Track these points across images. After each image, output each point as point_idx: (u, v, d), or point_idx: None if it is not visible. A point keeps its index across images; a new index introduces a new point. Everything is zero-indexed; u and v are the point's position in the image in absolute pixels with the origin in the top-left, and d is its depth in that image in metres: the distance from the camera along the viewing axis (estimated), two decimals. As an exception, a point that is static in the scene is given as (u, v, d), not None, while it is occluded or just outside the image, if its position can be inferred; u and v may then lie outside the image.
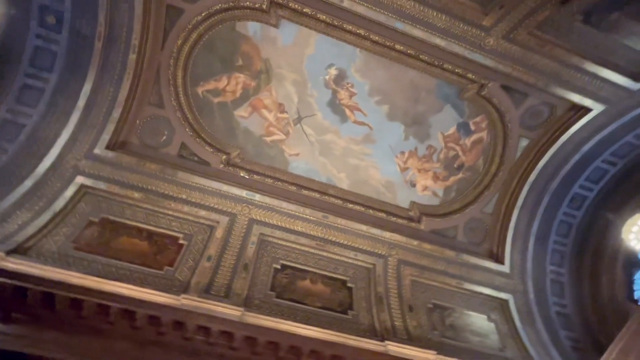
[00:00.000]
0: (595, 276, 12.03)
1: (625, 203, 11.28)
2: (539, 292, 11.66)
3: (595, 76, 9.14)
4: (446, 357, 8.55)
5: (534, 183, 11.50)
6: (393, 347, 8.00)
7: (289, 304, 8.39)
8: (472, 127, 11.22)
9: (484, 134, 11.36)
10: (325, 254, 9.74)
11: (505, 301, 11.18)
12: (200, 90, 9.57)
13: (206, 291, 7.87)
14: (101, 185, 8.37)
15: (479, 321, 10.60)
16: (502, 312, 11.06)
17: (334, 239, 9.94)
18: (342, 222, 10.07)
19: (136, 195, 8.64)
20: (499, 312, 11.02)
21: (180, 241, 8.70)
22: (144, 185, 8.75)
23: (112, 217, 8.27)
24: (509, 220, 11.76)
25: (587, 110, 10.03)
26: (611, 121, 10.24)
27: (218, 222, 9.18)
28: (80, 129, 8.23)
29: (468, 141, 11.33)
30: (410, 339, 8.98)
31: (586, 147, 10.88)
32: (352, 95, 10.36)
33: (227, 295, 8.00)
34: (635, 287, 11.34)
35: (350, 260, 9.94)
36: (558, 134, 10.83)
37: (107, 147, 8.55)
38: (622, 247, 11.00)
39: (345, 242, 10.05)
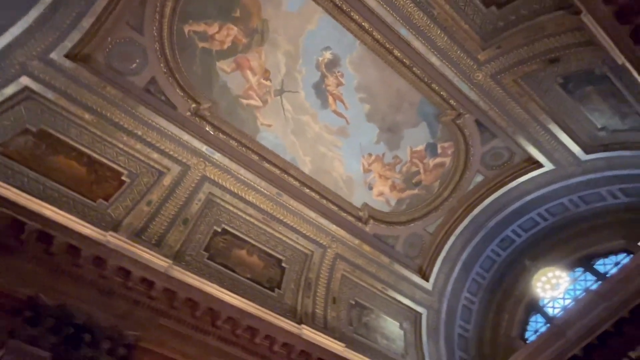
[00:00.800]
0: (500, 311, 13.38)
1: (542, 255, 12.57)
2: (450, 313, 12.75)
3: (556, 138, 9.96)
4: (353, 352, 9.08)
5: (475, 217, 12.39)
6: (307, 332, 8.32)
7: (219, 268, 8.35)
8: (439, 150, 11.75)
9: (447, 160, 11.95)
10: (269, 229, 9.76)
11: (420, 314, 12.09)
12: (187, 28, 8.90)
13: (137, 235, 7.55)
14: (49, 94, 7.48)
15: (391, 327, 11.36)
16: (414, 323, 11.95)
17: (281, 217, 9.96)
18: (294, 204, 10.11)
19: (87, 116, 7.86)
20: (411, 322, 11.89)
21: (123, 178, 8.18)
22: (98, 108, 7.98)
23: (53, 132, 7.47)
24: (445, 244, 12.61)
25: (540, 165, 10.95)
26: (555, 181, 11.29)
27: (169, 170, 8.76)
28: (40, 26, 7.22)
29: (431, 162, 11.86)
30: (326, 328, 9.40)
31: (527, 198, 11.92)
32: (339, 84, 10.31)
33: (158, 244, 7.75)
34: (528, 328, 12.79)
35: (291, 242, 10.06)
36: (509, 179, 11.73)
37: (67, 56, 7.64)
38: (529, 292, 12.29)
39: (292, 224, 10.13)
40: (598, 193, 11.37)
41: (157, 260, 6.96)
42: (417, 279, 12.23)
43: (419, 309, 12.10)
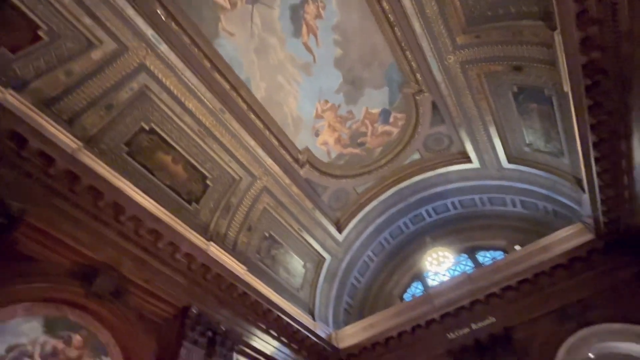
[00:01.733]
0: (391, 273, 15.27)
1: (440, 237, 14.27)
2: (350, 265, 14.16)
3: (491, 141, 10.81)
4: (253, 276, 9.68)
5: (401, 190, 13.35)
6: (214, 249, 8.55)
7: (137, 167, 7.87)
8: (391, 119, 12.00)
9: (395, 131, 12.32)
10: (202, 143, 9.31)
11: (324, 259, 13.20)
12: None
13: (46, 104, 6.61)
14: None
15: (296, 264, 12.28)
16: (316, 265, 13.06)
17: (219, 135, 9.52)
18: (235, 126, 9.68)
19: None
20: (314, 264, 12.97)
21: (41, 33, 6.79)
22: None
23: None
24: (367, 206, 13.52)
25: (469, 161, 11.94)
26: (476, 179, 12.51)
27: (101, 43, 7.50)
28: None
29: (380, 128, 12.12)
30: (234, 251, 9.78)
31: (449, 186, 13.12)
32: (318, 16, 9.53)
33: (70, 122, 6.92)
34: (408, 291, 14.90)
35: (221, 163, 9.80)
36: (440, 165, 12.66)
37: None
38: (419, 263, 14.07)
39: (228, 145, 9.78)
40: (503, 198, 12.98)
41: (65, 138, 6.25)
42: (332, 229, 13.11)
43: (325, 254, 13.17)
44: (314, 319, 11.97)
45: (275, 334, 9.67)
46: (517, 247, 11.92)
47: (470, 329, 9.77)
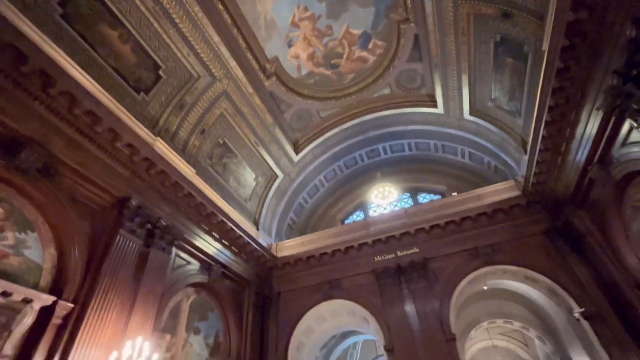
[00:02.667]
0: (338, 200, 16.08)
1: (390, 174, 15.01)
2: (301, 185, 14.58)
3: (460, 89, 10.81)
4: (200, 179, 9.58)
5: (365, 122, 13.31)
6: (161, 145, 8.14)
7: (75, 35, 6.71)
8: (370, 45, 11.31)
9: (371, 59, 11.73)
10: (156, 25, 8.08)
11: (276, 176, 13.38)
12: None
13: None
14: None
15: (248, 176, 12.32)
16: (268, 181, 13.25)
17: (177, 20, 8.29)
18: (199, 12, 8.44)
19: None
20: (266, 179, 13.13)
21: None
22: None
23: None
24: (328, 132, 13.44)
25: (435, 105, 12.01)
26: (437, 124, 12.71)
27: None
28: None
29: (357, 52, 11.45)
30: (183, 152, 9.42)
31: (410, 127, 13.34)
32: None
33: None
34: (350, 217, 15.99)
35: (178, 54, 8.77)
36: (408, 105, 12.62)
37: None
38: (365, 194, 14.90)
39: (187, 35, 8.63)
40: (455, 148, 13.62)
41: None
42: (289, 148, 13.05)
43: (278, 172, 13.31)
44: (257, 228, 12.56)
45: (217, 237, 10.05)
46: (455, 194, 12.97)
47: (395, 255, 10.98)
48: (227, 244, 10.44)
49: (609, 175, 7.07)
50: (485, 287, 11.36)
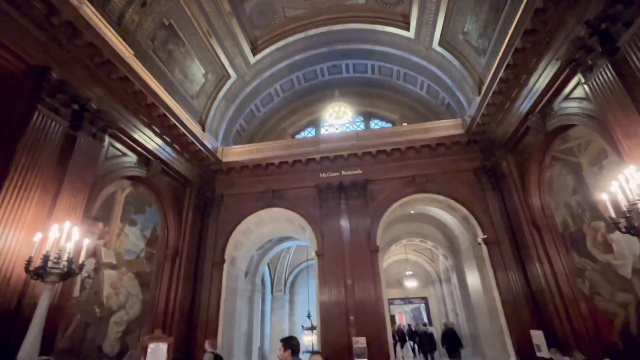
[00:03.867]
0: (293, 112, 15.62)
1: (348, 95, 14.74)
2: (255, 91, 13.67)
3: (436, 13, 10.23)
4: (140, 63, 8.37)
5: (332, 32, 12.24)
6: (88, 11, 6.67)
7: None
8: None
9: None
10: None
11: (229, 76, 12.24)
12: None
13: None
14: None
15: (196, 70, 11.05)
16: (219, 80, 12.11)
17: None
18: None
19: None
20: (217, 78, 11.97)
21: None
22: None
23: None
24: (290, 36, 12.20)
25: (407, 29, 11.35)
26: (404, 50, 12.30)
27: None
28: None
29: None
30: (118, 25, 7.92)
31: (377, 48, 12.67)
32: None
33: None
34: (302, 133, 15.85)
35: None
36: (379, 21, 11.71)
37: None
38: (320, 111, 14.60)
39: None
40: (416, 78, 13.52)
41: None
42: (246, 47, 11.76)
43: (231, 72, 12.14)
44: (203, 129, 11.88)
45: (158, 131, 9.32)
46: (405, 124, 13.36)
47: (340, 174, 11.44)
48: (168, 140, 9.79)
49: (543, 125, 7.72)
50: (412, 211, 12.70)
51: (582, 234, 7.19)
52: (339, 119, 13.64)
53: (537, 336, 7.92)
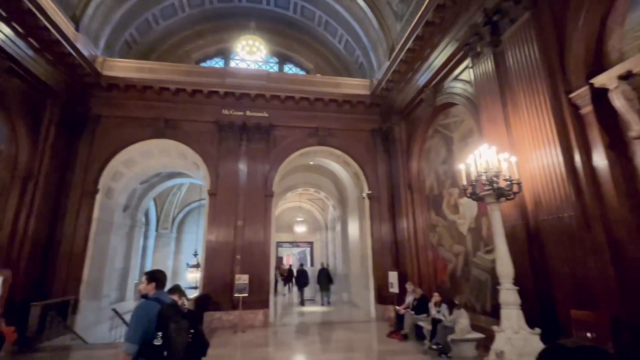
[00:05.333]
0: (199, 35, 13.76)
1: (266, 30, 13.62)
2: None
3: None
4: None
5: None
6: None
7: None
8: None
9: None
10: None
11: (118, -33, 9.79)
12: None
13: None
14: None
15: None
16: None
17: None
18: None
19: None
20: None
21: None
22: None
23: None
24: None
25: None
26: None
27: None
28: None
29: None
30: None
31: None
32: None
33: None
34: (208, 62, 14.22)
35: None
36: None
37: None
38: (232, 42, 13.21)
39: None
40: (336, 31, 13.26)
41: None
42: None
43: (121, -38, 9.69)
44: (77, 29, 9.46)
45: (4, 15, 7.01)
46: (318, 75, 13.23)
47: (244, 113, 10.84)
48: (21, 32, 7.52)
49: (434, 100, 8.62)
50: (311, 162, 13.15)
51: (441, 197, 8.65)
52: (251, 54, 12.60)
53: (393, 276, 9.56)
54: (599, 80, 4.46)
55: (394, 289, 9.39)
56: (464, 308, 6.57)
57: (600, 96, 4.49)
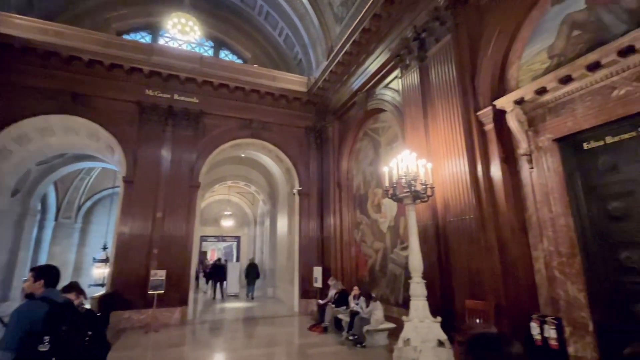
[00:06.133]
0: (123, 3, 12.29)
1: (203, 11, 12.81)
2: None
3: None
4: None
5: None
6: None
7: None
8: None
9: None
10: None
11: None
12: None
13: None
14: None
15: None
16: None
17: None
18: None
19: None
20: None
21: None
22: None
23: None
24: None
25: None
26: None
27: None
28: None
29: None
30: None
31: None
32: None
33: None
34: (132, 35, 12.78)
35: None
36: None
37: None
38: (162, 17, 12.11)
39: None
40: (278, 22, 13.07)
41: None
42: None
43: None
44: (-44, -31, 7.68)
45: None
46: (256, 66, 12.87)
47: (171, 97, 10.03)
48: None
49: (365, 104, 9.06)
50: (243, 155, 12.77)
51: (367, 196, 9.16)
52: (184, 34, 11.67)
53: (317, 271, 9.84)
54: (499, 103, 5.18)
55: (318, 284, 9.67)
56: (380, 300, 7.08)
57: (500, 116, 5.22)
